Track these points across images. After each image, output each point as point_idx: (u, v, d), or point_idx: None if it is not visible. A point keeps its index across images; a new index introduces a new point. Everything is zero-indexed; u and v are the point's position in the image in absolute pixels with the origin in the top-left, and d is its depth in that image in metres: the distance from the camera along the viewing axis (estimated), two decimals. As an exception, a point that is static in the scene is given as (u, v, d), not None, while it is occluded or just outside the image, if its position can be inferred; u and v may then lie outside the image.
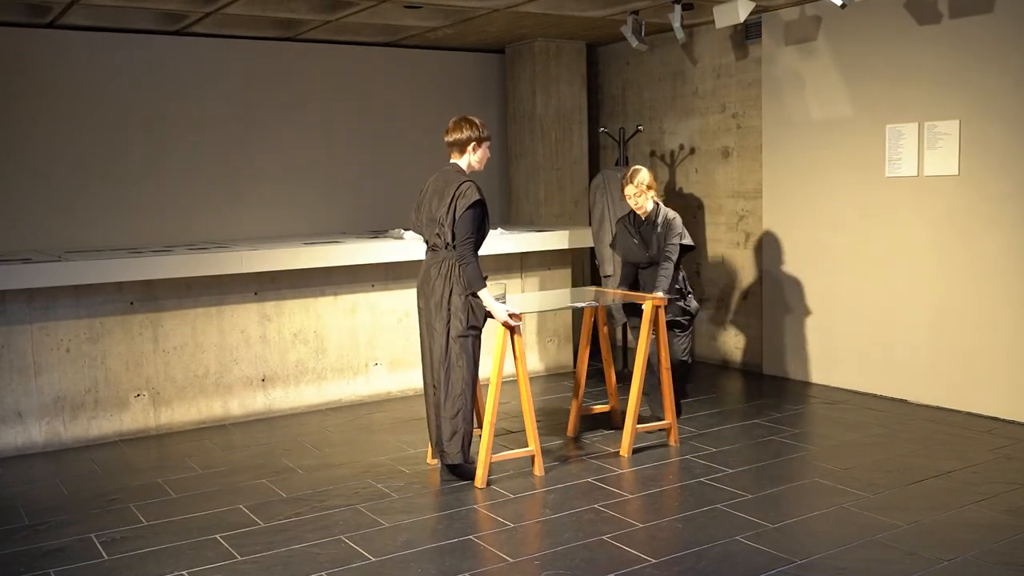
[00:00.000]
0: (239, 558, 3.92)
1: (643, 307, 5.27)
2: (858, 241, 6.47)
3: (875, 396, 6.39)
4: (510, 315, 4.65)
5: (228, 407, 6.16)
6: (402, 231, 6.79)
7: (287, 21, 6.76)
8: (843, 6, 5.80)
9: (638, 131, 7.54)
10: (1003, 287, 5.69)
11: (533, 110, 8.01)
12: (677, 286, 5.65)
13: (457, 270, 4.66)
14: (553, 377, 7.32)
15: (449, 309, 4.67)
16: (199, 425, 6.05)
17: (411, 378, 6.83)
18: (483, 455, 4.74)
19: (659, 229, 5.58)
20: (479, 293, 4.63)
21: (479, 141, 4.76)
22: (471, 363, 4.72)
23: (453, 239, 4.65)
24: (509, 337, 4.74)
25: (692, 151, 7.74)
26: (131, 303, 5.80)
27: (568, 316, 7.55)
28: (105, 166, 6.83)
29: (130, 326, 5.81)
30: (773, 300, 7.06)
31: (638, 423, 5.29)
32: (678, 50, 7.73)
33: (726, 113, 7.44)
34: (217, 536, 4.17)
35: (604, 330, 5.72)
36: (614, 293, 5.67)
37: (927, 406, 6.09)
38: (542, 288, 7.34)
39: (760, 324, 7.20)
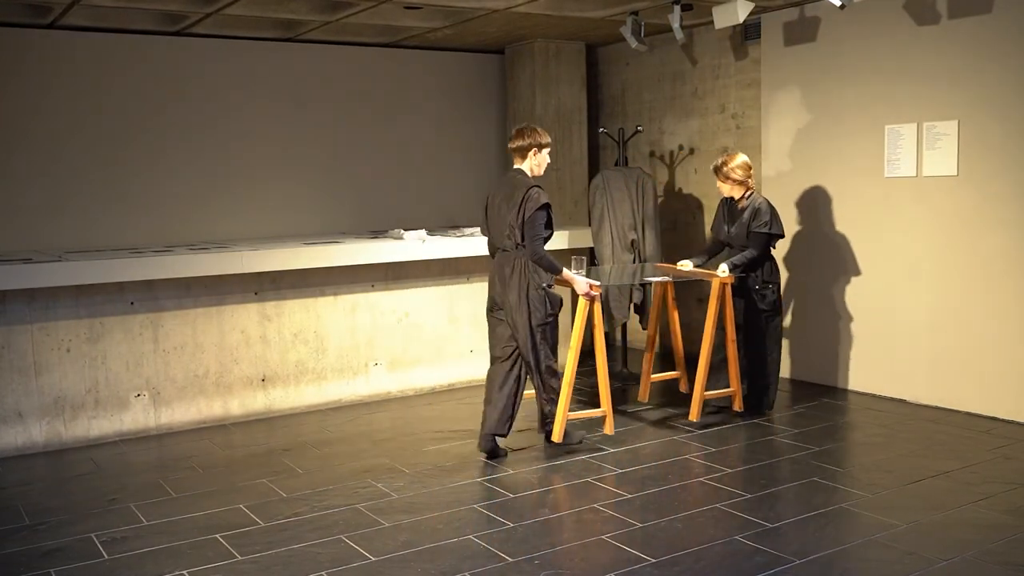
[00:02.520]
0: (239, 558, 3.93)
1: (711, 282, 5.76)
2: (857, 241, 6.47)
3: (875, 396, 6.40)
4: (590, 286, 5.23)
5: (228, 407, 6.16)
6: (402, 231, 6.80)
7: (287, 22, 6.76)
8: (842, 7, 5.81)
9: (638, 131, 7.55)
10: (1002, 287, 5.70)
11: (533, 110, 8.02)
12: (755, 273, 5.85)
13: (529, 267, 5.06)
14: (553, 377, 7.32)
15: (528, 302, 5.08)
16: (199, 425, 6.06)
17: (411, 378, 6.83)
18: (561, 412, 5.22)
19: (746, 215, 5.84)
20: (563, 273, 5.15)
21: (539, 147, 5.15)
22: (554, 346, 5.24)
23: (522, 239, 5.03)
24: (588, 306, 5.29)
25: (691, 151, 7.75)
26: (131, 303, 5.81)
27: (568, 316, 7.54)
28: (105, 166, 6.83)
29: (130, 326, 5.81)
30: (773, 300, 7.06)
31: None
32: (677, 51, 7.74)
33: (725, 114, 7.45)
34: (217, 536, 4.17)
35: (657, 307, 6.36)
36: (677, 268, 6.05)
37: (927, 406, 6.09)
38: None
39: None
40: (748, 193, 5.86)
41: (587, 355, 8.26)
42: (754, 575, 3.66)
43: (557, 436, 5.25)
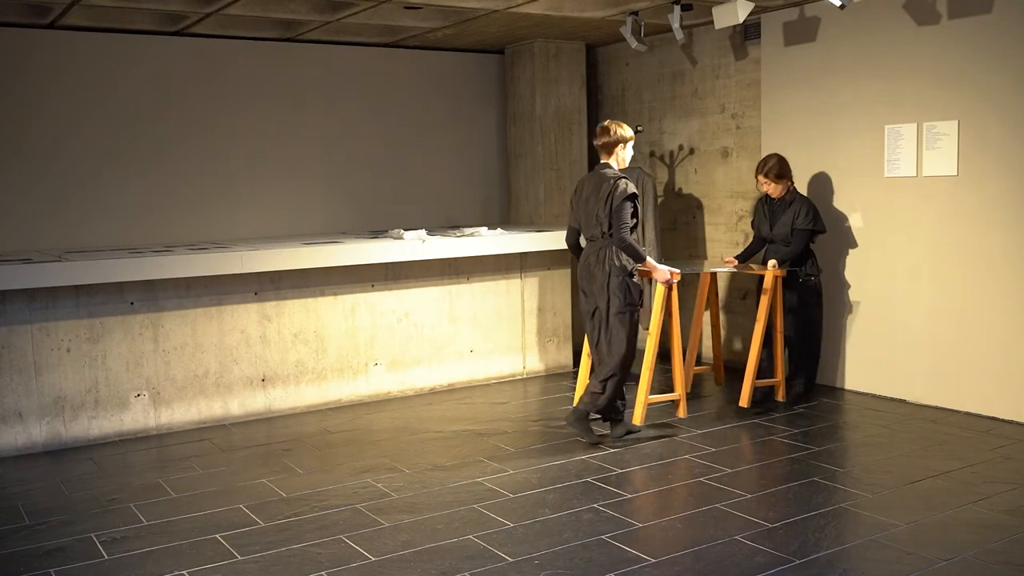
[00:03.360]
0: (239, 558, 3.93)
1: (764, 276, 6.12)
2: (857, 241, 6.48)
3: (875, 396, 6.40)
4: (671, 273, 5.53)
5: (228, 407, 6.16)
6: (402, 231, 6.80)
7: (287, 22, 6.77)
8: (842, 7, 5.81)
9: (638, 131, 7.54)
10: (1002, 287, 5.70)
11: (533, 111, 8.02)
12: (801, 267, 6.27)
13: (613, 255, 5.29)
14: (553, 377, 7.33)
15: (609, 290, 5.30)
16: (199, 425, 6.06)
17: (411, 378, 6.83)
18: (642, 396, 5.59)
19: (789, 212, 6.21)
20: (646, 261, 5.37)
21: (624, 142, 5.43)
22: (630, 336, 5.37)
23: (608, 228, 5.28)
24: (667, 293, 5.62)
25: (691, 151, 7.75)
26: (131, 303, 5.81)
27: (568, 316, 7.55)
28: (105, 166, 6.83)
29: (130, 326, 5.81)
30: (773, 300, 7.06)
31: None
32: (677, 51, 7.74)
33: (725, 113, 7.45)
34: (217, 536, 4.17)
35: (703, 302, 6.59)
36: (730, 261, 6.45)
37: (927, 406, 6.09)
38: (542, 288, 7.34)
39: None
40: (790, 190, 6.27)
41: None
42: (754, 575, 3.67)
43: (639, 419, 5.58)
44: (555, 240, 7.17)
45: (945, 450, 5.20)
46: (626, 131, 5.43)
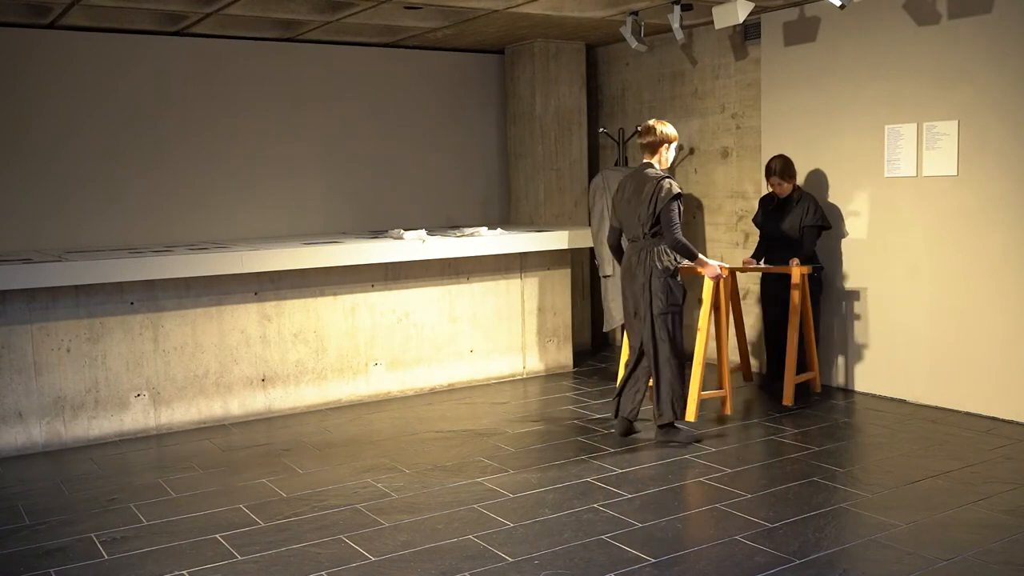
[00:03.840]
0: (239, 558, 3.93)
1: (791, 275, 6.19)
2: (857, 241, 6.48)
3: (875, 396, 6.40)
4: (720, 268, 5.60)
5: (228, 407, 6.16)
6: (402, 231, 6.80)
7: (287, 22, 6.77)
8: (842, 7, 5.81)
9: (637, 131, 7.54)
10: (1002, 287, 5.70)
11: (533, 110, 8.02)
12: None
13: (654, 256, 5.27)
14: (553, 377, 7.33)
15: (650, 291, 5.28)
16: (199, 425, 6.06)
17: (411, 378, 6.83)
18: (694, 392, 5.66)
19: (797, 210, 6.36)
20: (699, 257, 5.39)
21: (668, 142, 5.42)
22: (675, 336, 5.36)
23: (650, 229, 5.27)
24: (715, 288, 5.76)
25: (691, 151, 7.75)
26: (131, 303, 5.81)
27: (568, 316, 7.55)
28: (105, 166, 6.83)
29: (130, 326, 5.81)
30: (773, 300, 7.06)
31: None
32: (677, 51, 7.74)
33: (725, 113, 7.45)
34: (217, 536, 4.17)
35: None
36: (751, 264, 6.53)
37: (927, 406, 6.09)
38: (542, 288, 7.34)
39: (759, 325, 7.20)
40: (796, 188, 6.45)
41: (584, 355, 8.27)
42: (754, 575, 3.67)
43: (693, 415, 5.65)
44: (555, 240, 7.17)
45: (945, 450, 5.20)
46: (670, 131, 5.42)
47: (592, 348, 8.46)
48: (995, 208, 5.70)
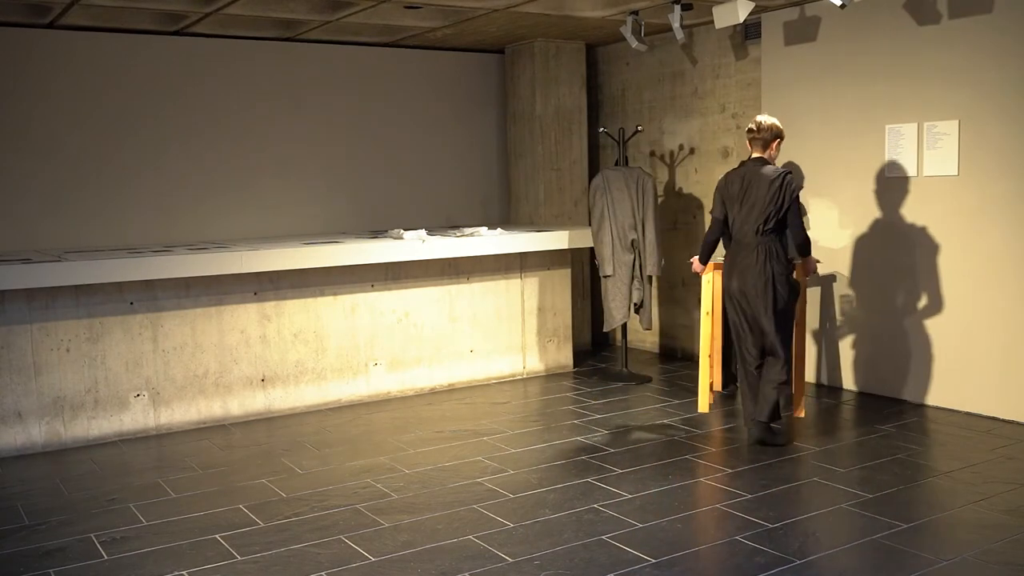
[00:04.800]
0: (239, 558, 3.93)
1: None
2: (857, 241, 6.47)
3: (875, 396, 6.40)
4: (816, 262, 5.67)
5: (228, 407, 6.16)
6: (402, 231, 6.80)
7: (287, 21, 6.76)
8: (843, 6, 5.81)
9: (638, 131, 7.54)
10: (1002, 287, 5.70)
11: (533, 110, 8.02)
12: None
13: (773, 253, 5.23)
14: (553, 377, 7.33)
15: (775, 287, 5.24)
16: (199, 425, 6.06)
17: (411, 378, 6.83)
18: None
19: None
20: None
21: (781, 138, 5.43)
22: (790, 333, 5.39)
23: (774, 224, 5.23)
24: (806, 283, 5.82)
25: (692, 151, 7.75)
26: (131, 303, 5.81)
27: (568, 316, 7.55)
28: (105, 166, 6.83)
29: (130, 326, 5.81)
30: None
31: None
32: (677, 50, 7.73)
33: (725, 113, 7.45)
34: (217, 536, 4.17)
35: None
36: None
37: (927, 406, 6.09)
38: (542, 288, 7.34)
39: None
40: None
41: (584, 355, 8.26)
42: (754, 575, 3.66)
43: (801, 411, 5.83)
44: (555, 240, 7.17)
45: (945, 450, 5.20)
46: (781, 127, 5.41)
47: (592, 348, 8.46)
48: (996, 208, 5.70)
